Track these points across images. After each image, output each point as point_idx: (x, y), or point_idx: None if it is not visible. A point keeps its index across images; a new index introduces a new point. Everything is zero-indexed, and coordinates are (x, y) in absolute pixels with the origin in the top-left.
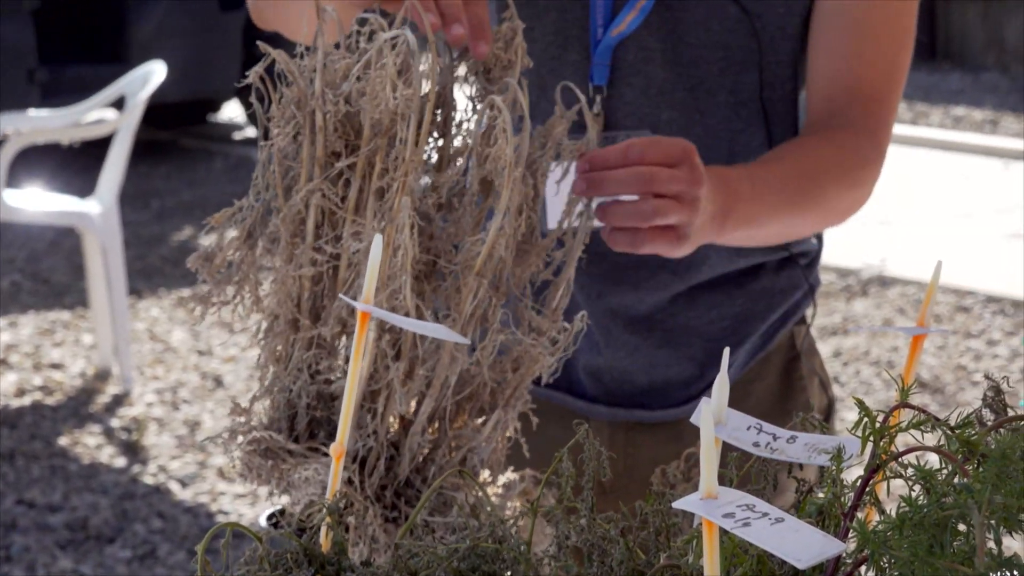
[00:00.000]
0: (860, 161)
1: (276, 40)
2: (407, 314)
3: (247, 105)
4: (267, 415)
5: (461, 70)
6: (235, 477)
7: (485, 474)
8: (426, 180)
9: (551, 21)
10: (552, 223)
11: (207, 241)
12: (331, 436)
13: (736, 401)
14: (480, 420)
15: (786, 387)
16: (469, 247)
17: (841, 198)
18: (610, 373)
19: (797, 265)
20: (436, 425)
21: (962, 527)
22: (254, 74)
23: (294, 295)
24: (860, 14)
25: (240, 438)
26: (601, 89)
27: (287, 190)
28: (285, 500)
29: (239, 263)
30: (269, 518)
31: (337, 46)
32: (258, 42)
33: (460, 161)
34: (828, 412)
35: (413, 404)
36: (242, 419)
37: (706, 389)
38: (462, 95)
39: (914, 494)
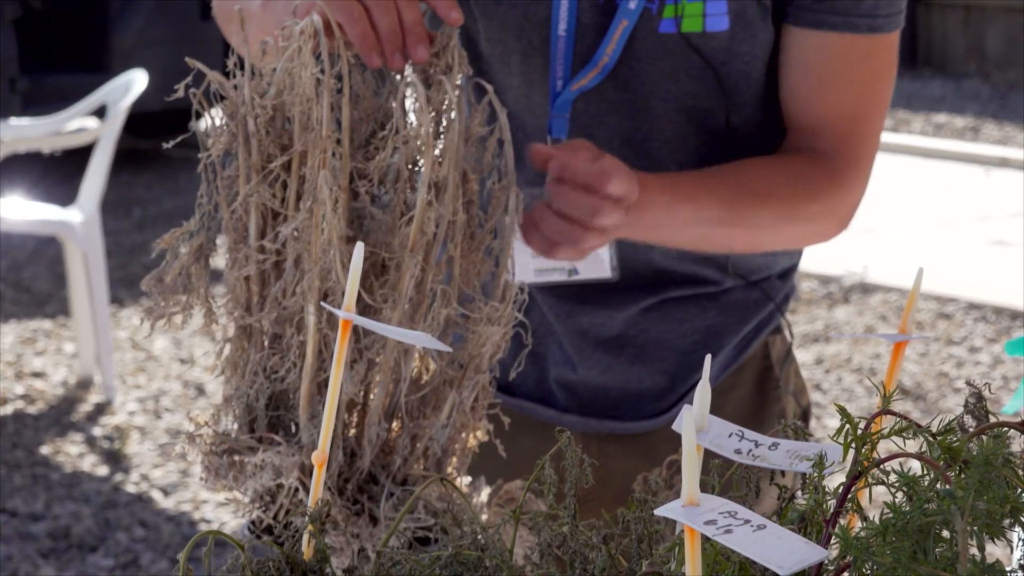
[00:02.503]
0: (810, 194)
1: None
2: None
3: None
4: (230, 423)
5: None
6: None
7: (453, 462)
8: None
9: (516, 64)
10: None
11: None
12: (289, 435)
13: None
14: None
15: (761, 397)
16: (402, 227)
17: (779, 228)
18: (583, 386)
19: (770, 277)
20: (396, 419)
21: (945, 533)
22: (182, 87)
23: (243, 300)
24: (817, 59)
25: (199, 441)
26: (559, 141)
27: (232, 200)
28: (246, 498)
29: (189, 278)
30: (250, 527)
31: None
32: (186, 58)
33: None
34: (804, 419)
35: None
36: (203, 429)
37: (678, 401)
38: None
39: (898, 500)
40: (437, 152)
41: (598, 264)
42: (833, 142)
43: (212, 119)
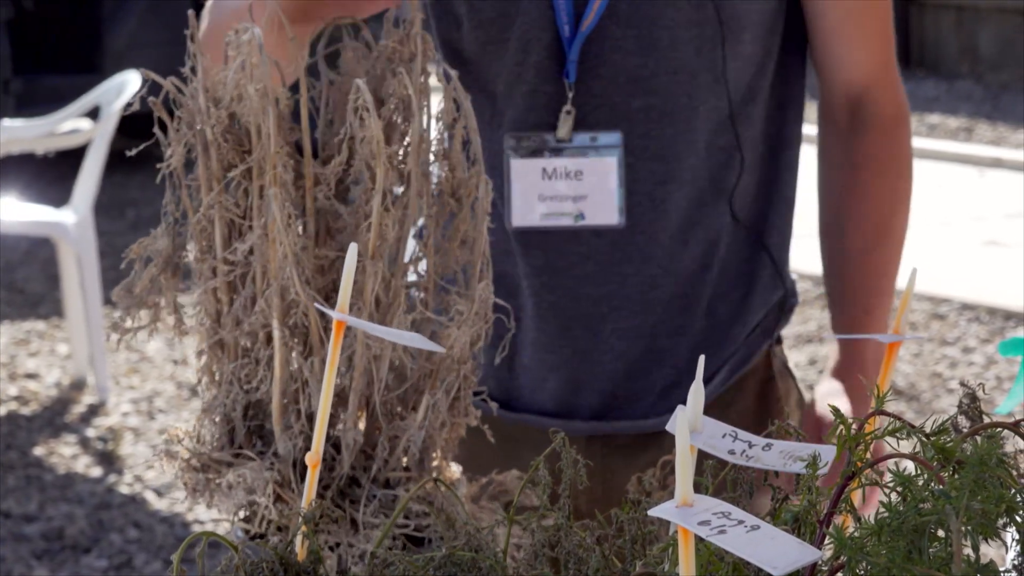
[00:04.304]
0: (896, 190)
1: None
2: (305, 310)
3: None
4: (210, 434)
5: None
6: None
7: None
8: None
9: (516, 28)
10: (518, 220)
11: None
12: (268, 444)
13: None
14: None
15: (763, 410)
16: (363, 233)
17: (903, 213)
18: (590, 386)
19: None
20: (373, 421)
21: (940, 534)
22: (137, 99)
23: (212, 312)
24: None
25: (176, 458)
26: (572, 86)
27: (197, 210)
28: (226, 514)
29: (159, 288)
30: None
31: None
32: (140, 70)
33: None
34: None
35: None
36: (180, 442)
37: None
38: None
39: (893, 500)
40: (400, 150)
41: (607, 209)
42: (878, 93)
43: (169, 127)
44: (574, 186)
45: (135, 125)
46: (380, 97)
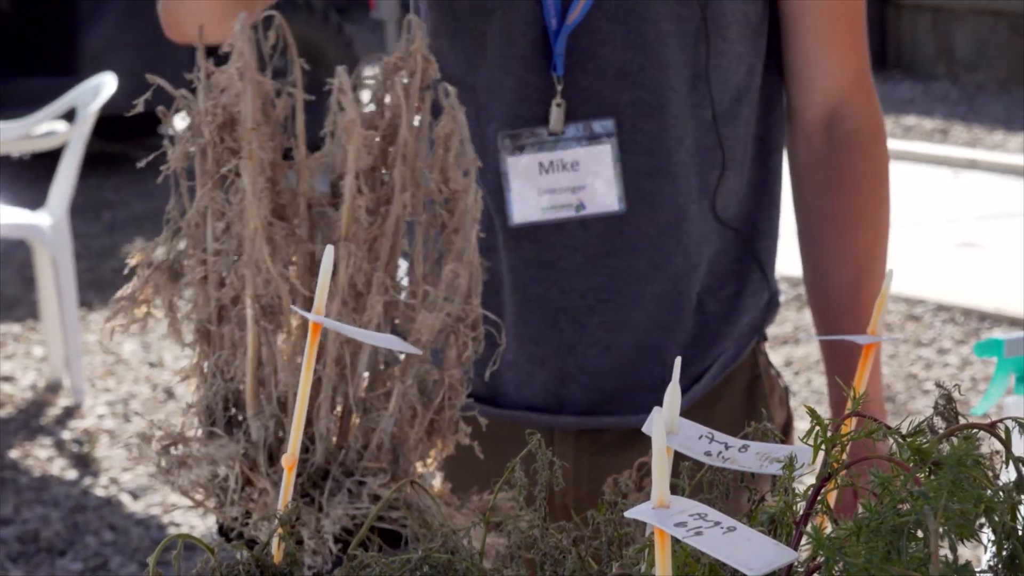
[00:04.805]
0: (874, 183)
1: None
2: (270, 281)
3: None
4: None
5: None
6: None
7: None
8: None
9: (498, 20)
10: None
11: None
12: (247, 438)
13: (702, 422)
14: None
15: (750, 407)
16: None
17: (885, 235)
18: (577, 380)
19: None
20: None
21: (918, 534)
22: (141, 102)
23: (201, 304)
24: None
25: (153, 443)
26: (560, 79)
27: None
28: (198, 495)
29: (159, 292)
30: (220, 530)
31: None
32: (147, 75)
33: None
34: (787, 426)
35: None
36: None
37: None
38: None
39: (872, 502)
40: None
41: (607, 196)
42: (854, 106)
43: (175, 130)
44: (572, 177)
45: (111, 128)
46: (383, 108)
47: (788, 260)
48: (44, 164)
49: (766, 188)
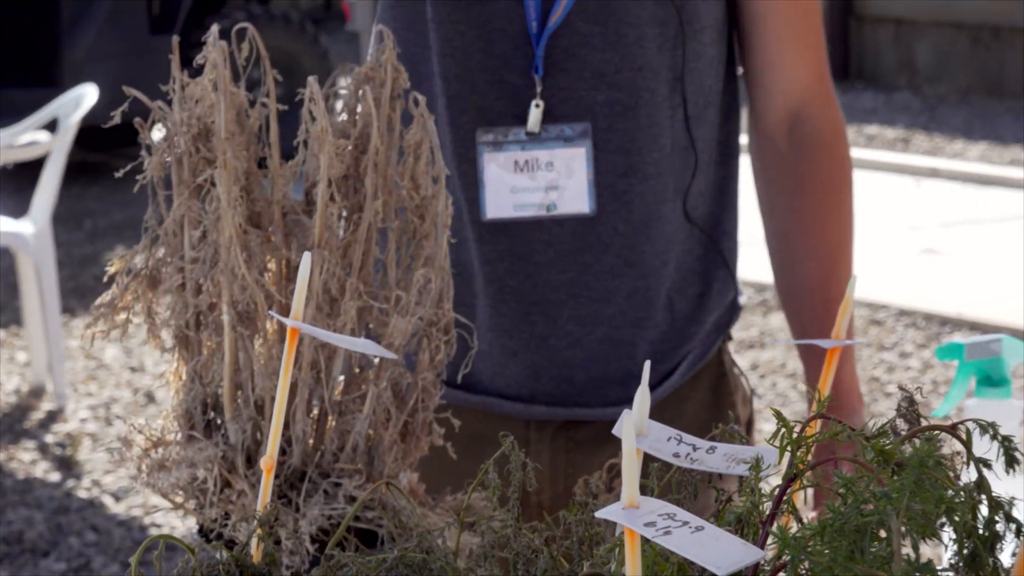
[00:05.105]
0: (839, 181)
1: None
2: (245, 287)
3: None
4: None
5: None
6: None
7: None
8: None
9: (475, 13)
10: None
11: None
12: (225, 441)
13: (671, 419)
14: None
15: (717, 404)
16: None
17: (851, 234)
18: (548, 372)
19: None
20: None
21: (881, 533)
22: (118, 113)
23: (179, 311)
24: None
25: (135, 447)
26: (540, 80)
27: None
28: (178, 498)
29: (138, 299)
30: (200, 530)
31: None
32: (124, 87)
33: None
34: (749, 423)
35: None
36: (140, 432)
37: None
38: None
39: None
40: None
41: (578, 198)
42: (816, 108)
43: (150, 141)
44: (546, 177)
45: (92, 138)
46: (355, 118)
47: (753, 265)
48: (27, 173)
49: (728, 190)
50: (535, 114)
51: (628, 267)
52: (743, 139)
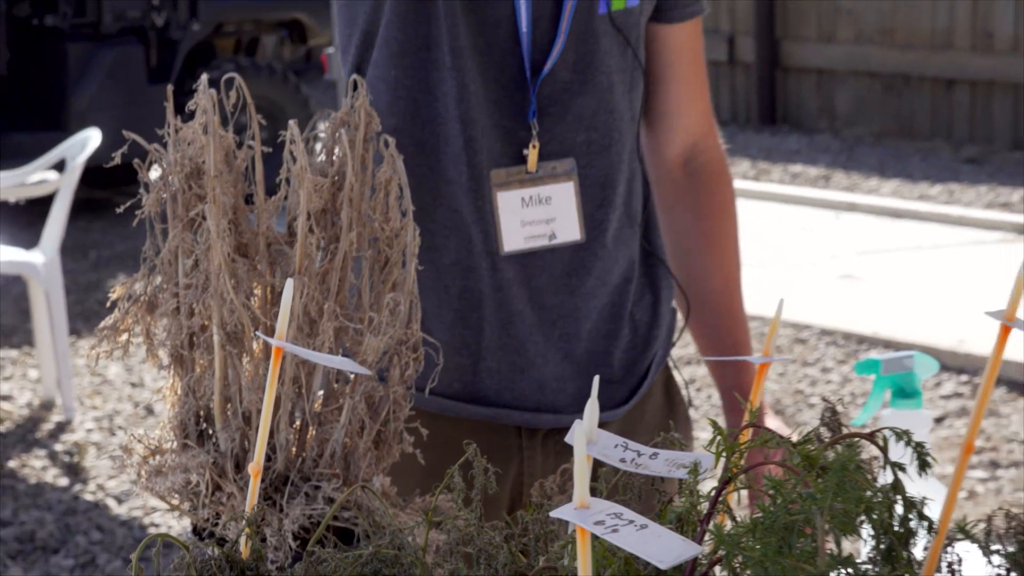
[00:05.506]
0: (730, 203)
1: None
2: (234, 311)
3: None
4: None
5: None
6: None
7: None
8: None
9: (480, 63)
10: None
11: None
12: (216, 448)
13: (635, 422)
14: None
15: (669, 402)
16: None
17: (738, 246)
18: (549, 385)
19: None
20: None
21: (807, 530)
22: (118, 154)
23: (174, 332)
24: (694, 44)
25: (135, 454)
26: (534, 124)
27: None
28: (175, 500)
29: (138, 322)
30: (194, 529)
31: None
32: (124, 131)
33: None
34: (687, 427)
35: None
36: (139, 441)
37: (630, 396)
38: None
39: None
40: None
41: (572, 227)
42: (709, 141)
43: (148, 179)
44: (547, 210)
45: (96, 177)
46: (332, 158)
47: None
48: (38, 209)
49: (654, 209)
50: (532, 155)
51: (602, 286)
52: None
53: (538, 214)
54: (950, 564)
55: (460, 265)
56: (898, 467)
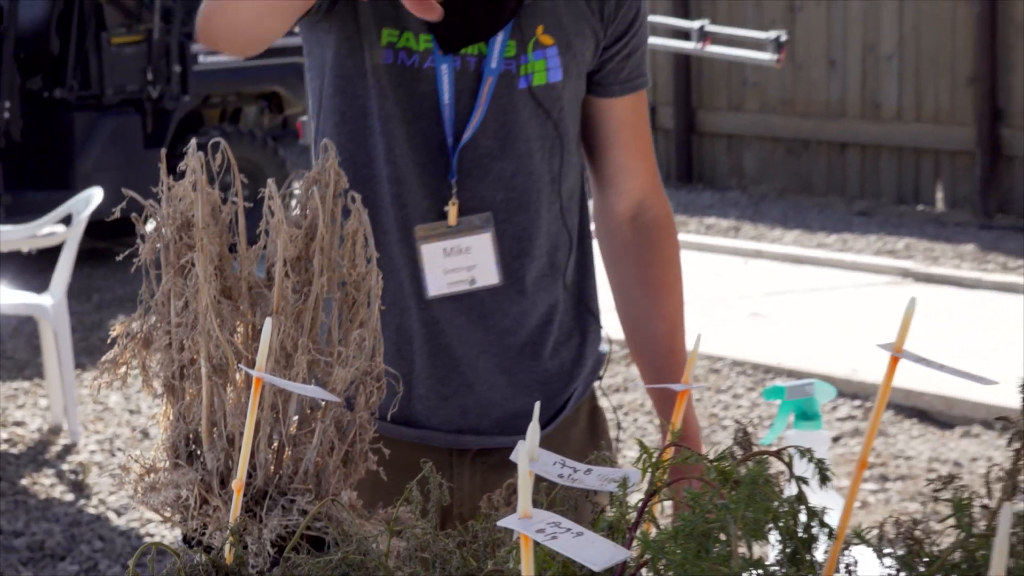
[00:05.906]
0: (674, 256)
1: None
2: (219, 346)
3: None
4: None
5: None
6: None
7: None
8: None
9: (406, 132)
10: (432, 290)
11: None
12: (203, 467)
13: (561, 442)
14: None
15: (592, 429)
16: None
17: (681, 280)
18: (473, 411)
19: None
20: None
21: (722, 537)
22: (118, 210)
23: (167, 365)
24: (638, 116)
25: (132, 473)
26: (454, 184)
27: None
28: (167, 513)
29: (135, 357)
30: (184, 538)
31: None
32: (123, 189)
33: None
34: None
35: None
36: (136, 461)
37: (554, 417)
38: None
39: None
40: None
41: (490, 274)
42: (655, 198)
43: (144, 231)
44: (466, 259)
45: (99, 229)
46: (305, 212)
47: (618, 328)
48: (47, 258)
49: (588, 263)
50: (452, 210)
51: (520, 327)
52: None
53: (459, 262)
54: (847, 566)
55: (397, 305)
56: (801, 481)
